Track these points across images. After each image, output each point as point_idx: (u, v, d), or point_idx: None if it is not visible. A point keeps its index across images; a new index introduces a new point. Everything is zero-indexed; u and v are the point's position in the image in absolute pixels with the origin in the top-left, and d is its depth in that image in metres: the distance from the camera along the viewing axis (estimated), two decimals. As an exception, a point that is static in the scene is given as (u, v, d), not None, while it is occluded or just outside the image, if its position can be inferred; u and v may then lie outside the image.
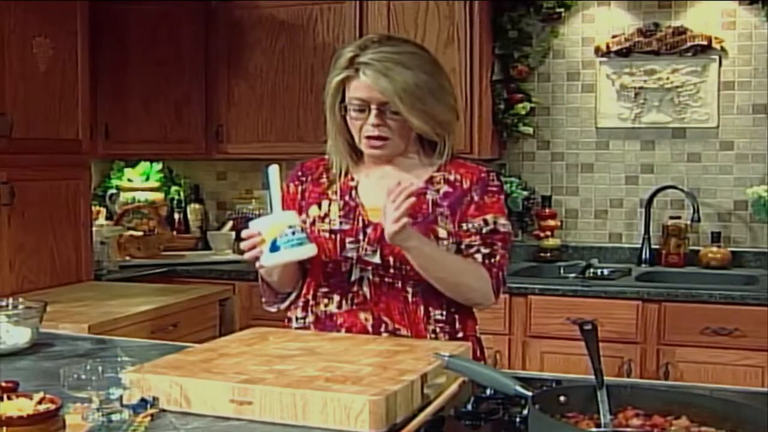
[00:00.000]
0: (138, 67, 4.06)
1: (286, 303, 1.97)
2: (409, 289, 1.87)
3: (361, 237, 1.87)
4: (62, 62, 3.34)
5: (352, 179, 1.94)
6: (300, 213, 1.94)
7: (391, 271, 1.86)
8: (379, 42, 1.87)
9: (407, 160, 1.94)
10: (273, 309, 1.99)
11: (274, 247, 1.72)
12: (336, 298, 1.90)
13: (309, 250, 1.75)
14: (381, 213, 1.81)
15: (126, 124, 4.06)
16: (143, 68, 4.06)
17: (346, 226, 1.89)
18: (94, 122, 3.73)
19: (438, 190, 1.90)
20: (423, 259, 1.80)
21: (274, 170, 1.80)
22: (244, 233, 1.78)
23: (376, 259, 1.86)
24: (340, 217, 1.90)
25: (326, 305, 1.91)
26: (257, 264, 1.78)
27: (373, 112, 1.83)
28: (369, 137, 1.85)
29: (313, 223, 1.91)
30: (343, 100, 1.88)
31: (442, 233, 1.86)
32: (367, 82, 1.81)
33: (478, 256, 1.87)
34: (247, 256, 1.78)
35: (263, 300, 1.96)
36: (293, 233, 1.72)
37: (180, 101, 4.13)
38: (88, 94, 3.49)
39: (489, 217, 1.89)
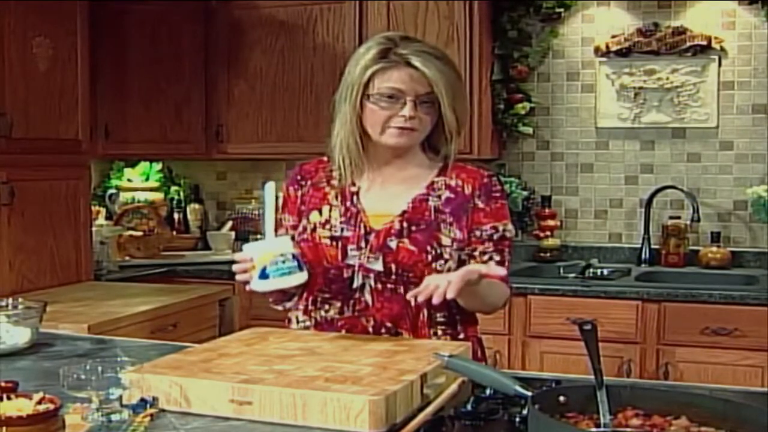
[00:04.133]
0: (138, 67, 4.06)
1: (293, 302, 1.96)
2: None
3: (363, 244, 1.86)
4: (62, 62, 3.34)
5: (354, 184, 1.93)
6: (300, 218, 1.94)
7: (393, 277, 1.85)
8: (407, 39, 1.89)
9: (412, 160, 1.93)
10: (280, 307, 1.99)
11: (264, 275, 1.74)
12: (337, 304, 1.89)
13: (298, 278, 1.76)
14: (383, 219, 1.85)
15: (126, 124, 4.05)
16: (143, 68, 4.06)
17: (347, 233, 1.87)
18: (94, 122, 3.73)
19: (440, 196, 1.89)
20: (471, 298, 1.79)
21: (270, 188, 1.80)
22: (236, 256, 1.80)
23: (378, 267, 1.85)
24: (341, 223, 1.89)
25: (327, 311, 1.91)
26: (247, 287, 1.79)
27: (409, 103, 1.82)
28: (401, 127, 1.84)
29: (314, 229, 1.90)
30: (364, 94, 1.86)
31: (446, 241, 1.85)
32: (412, 73, 1.82)
33: (492, 264, 1.87)
34: (238, 278, 1.80)
35: (270, 299, 1.95)
36: (283, 261, 1.74)
37: (180, 101, 4.13)
38: (88, 94, 3.49)
39: (499, 224, 1.90)
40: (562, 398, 1.30)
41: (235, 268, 1.79)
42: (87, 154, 3.54)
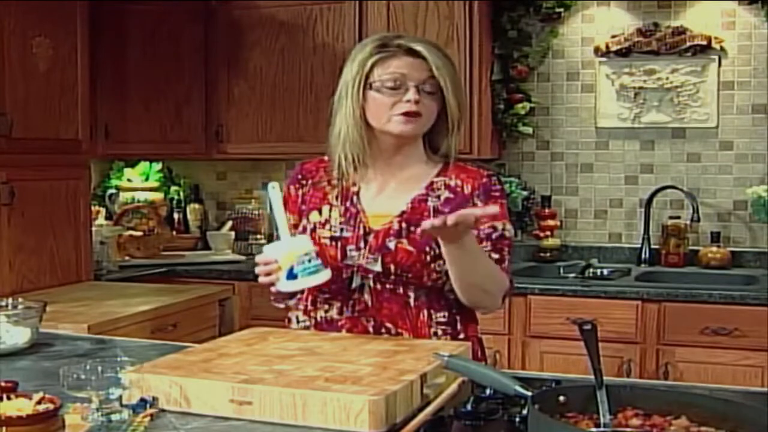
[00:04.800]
0: (138, 67, 4.06)
1: (294, 300, 1.96)
2: (411, 294, 1.86)
3: (362, 244, 1.86)
4: (62, 62, 3.34)
5: (354, 184, 1.92)
6: (300, 217, 1.94)
7: (392, 278, 1.85)
8: (402, 36, 1.91)
9: (413, 155, 1.92)
10: (281, 305, 1.99)
11: (291, 275, 1.73)
12: (337, 304, 1.89)
13: (325, 276, 1.76)
14: (383, 220, 1.84)
15: (126, 124, 4.05)
16: (143, 68, 4.06)
17: (347, 233, 1.87)
18: (94, 122, 3.73)
19: (439, 197, 1.89)
20: (461, 259, 1.75)
21: (273, 189, 1.80)
22: (259, 258, 1.79)
23: (377, 267, 1.84)
24: (341, 223, 1.88)
25: (327, 311, 1.91)
26: (273, 289, 1.79)
27: (412, 89, 1.82)
28: (406, 113, 1.83)
29: (313, 229, 1.89)
30: (365, 84, 1.86)
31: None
32: (413, 60, 1.83)
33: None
34: (262, 280, 1.79)
35: (272, 297, 1.95)
36: (309, 260, 1.74)
37: (180, 101, 4.13)
38: (88, 94, 3.49)
39: (498, 224, 1.88)
40: (562, 398, 1.30)
41: (258, 270, 1.78)
42: (87, 154, 3.54)
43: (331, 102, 1.93)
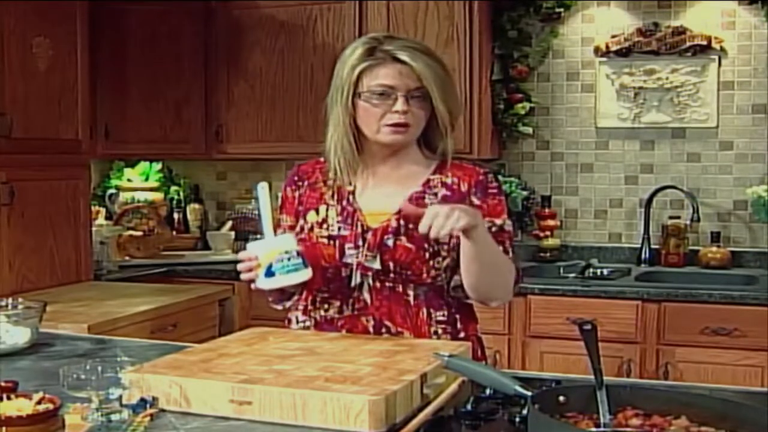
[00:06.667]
0: (138, 67, 4.06)
1: (291, 301, 1.97)
2: (410, 292, 1.86)
3: (360, 243, 1.86)
4: (62, 62, 3.34)
5: (350, 184, 1.93)
6: (297, 218, 1.94)
7: (392, 275, 1.85)
8: (390, 37, 1.89)
9: (407, 158, 1.93)
10: (279, 306, 1.99)
11: (270, 272, 1.75)
12: (336, 303, 1.89)
13: (304, 275, 1.77)
14: (380, 218, 1.84)
15: (126, 124, 4.05)
16: (143, 68, 4.06)
17: (345, 232, 1.87)
18: (93, 122, 3.73)
19: (436, 194, 1.89)
20: (479, 245, 1.74)
21: (262, 189, 1.82)
22: (241, 255, 1.80)
23: (376, 265, 1.84)
24: (338, 222, 1.89)
25: (326, 310, 1.91)
26: (252, 286, 1.80)
27: (401, 98, 1.82)
28: (395, 124, 1.83)
29: (311, 229, 1.90)
30: (354, 93, 1.86)
31: (443, 238, 1.85)
32: (400, 68, 1.82)
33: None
34: (243, 277, 1.80)
35: (269, 299, 1.95)
36: (288, 259, 1.75)
37: (180, 101, 4.13)
38: (88, 94, 3.50)
39: (496, 219, 1.88)
40: (562, 398, 1.30)
41: (240, 267, 1.80)
42: (87, 154, 3.54)
43: (325, 104, 1.93)
